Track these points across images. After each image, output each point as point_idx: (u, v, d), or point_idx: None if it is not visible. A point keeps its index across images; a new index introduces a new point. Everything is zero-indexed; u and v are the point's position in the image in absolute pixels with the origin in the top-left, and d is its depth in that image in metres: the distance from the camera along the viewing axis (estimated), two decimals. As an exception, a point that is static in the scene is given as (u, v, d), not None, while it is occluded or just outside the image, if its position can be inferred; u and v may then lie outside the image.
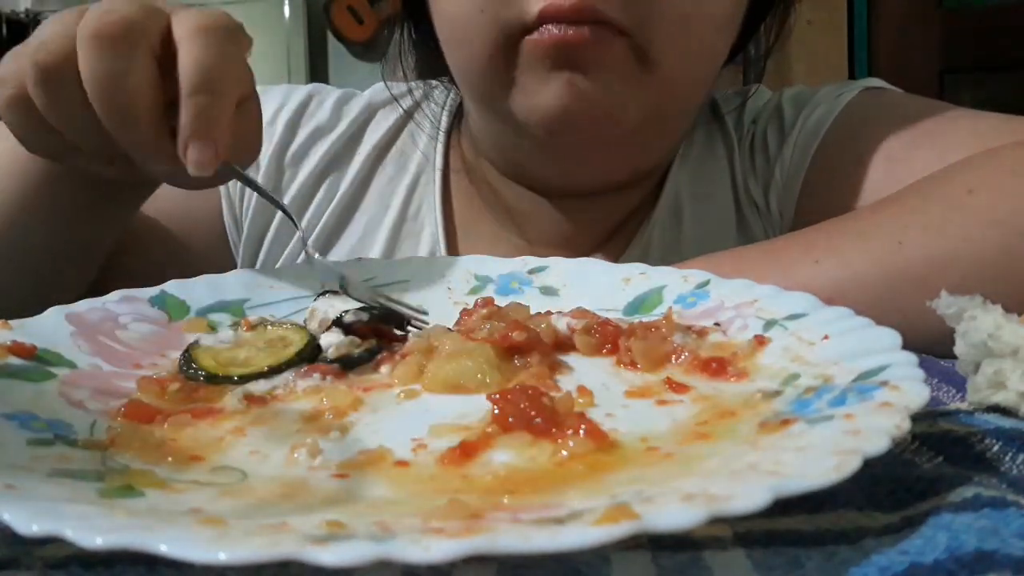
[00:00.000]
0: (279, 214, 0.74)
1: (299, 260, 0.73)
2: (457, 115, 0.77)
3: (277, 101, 0.77)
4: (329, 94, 0.79)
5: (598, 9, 0.55)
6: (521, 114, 0.60)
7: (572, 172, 0.68)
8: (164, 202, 0.68)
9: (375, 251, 0.73)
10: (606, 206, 0.71)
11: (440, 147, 0.75)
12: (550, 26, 0.56)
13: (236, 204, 0.74)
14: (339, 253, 0.74)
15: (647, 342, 0.41)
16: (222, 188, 0.74)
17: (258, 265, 0.74)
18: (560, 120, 0.59)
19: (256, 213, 0.74)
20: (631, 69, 0.58)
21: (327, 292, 0.48)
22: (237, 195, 0.74)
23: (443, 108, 0.78)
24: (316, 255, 0.53)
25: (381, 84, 0.80)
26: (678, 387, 0.37)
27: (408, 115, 0.78)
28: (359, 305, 0.45)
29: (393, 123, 0.77)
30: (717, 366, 0.39)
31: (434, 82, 0.79)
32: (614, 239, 0.71)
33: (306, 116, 0.77)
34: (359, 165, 0.75)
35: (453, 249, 0.72)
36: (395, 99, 0.79)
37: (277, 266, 0.71)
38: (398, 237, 0.73)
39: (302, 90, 0.79)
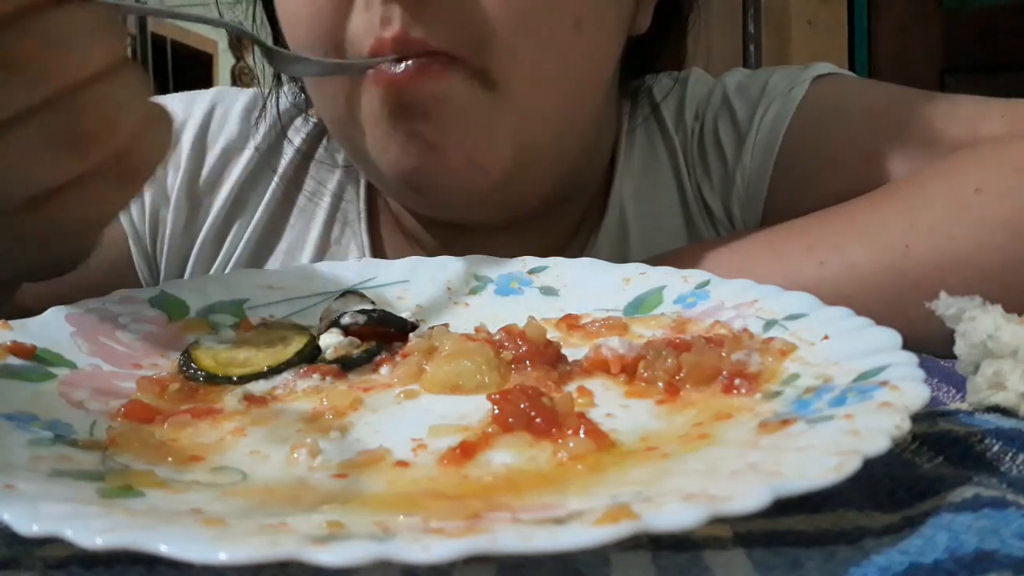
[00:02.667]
0: (196, 247, 0.68)
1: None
2: None
3: (177, 117, 0.68)
4: (235, 101, 0.71)
5: (419, 39, 0.50)
6: (380, 168, 0.55)
7: (468, 217, 0.61)
8: None
9: (307, 253, 0.68)
10: (534, 231, 0.64)
11: (363, 180, 0.69)
12: (381, 62, 0.50)
13: (148, 245, 0.69)
14: (277, 255, 0.68)
15: (701, 357, 0.37)
16: (128, 230, 0.68)
17: None
18: (417, 178, 0.54)
19: (172, 250, 0.69)
20: (476, 101, 0.52)
21: (347, 293, 0.48)
22: (148, 236, 0.69)
23: None
24: None
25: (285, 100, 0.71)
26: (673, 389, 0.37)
27: (319, 138, 0.71)
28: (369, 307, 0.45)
29: (312, 130, 0.70)
30: (739, 384, 0.36)
31: None
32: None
33: (212, 133, 0.69)
34: (276, 183, 0.68)
35: None
36: (305, 113, 0.71)
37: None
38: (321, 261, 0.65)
39: (203, 99, 0.70)
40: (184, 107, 0.70)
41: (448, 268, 0.53)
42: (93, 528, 0.22)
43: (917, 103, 0.61)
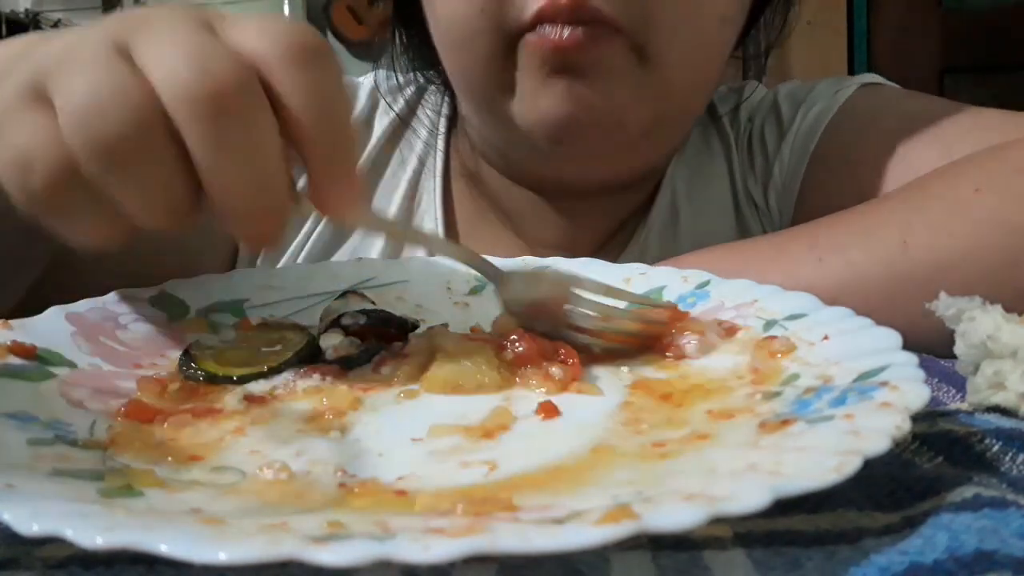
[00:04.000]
0: None
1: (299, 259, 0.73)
2: (453, 118, 0.76)
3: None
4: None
5: (595, 7, 0.54)
6: (523, 122, 0.60)
7: (576, 176, 0.68)
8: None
9: (376, 249, 0.72)
10: (606, 207, 0.71)
11: (440, 150, 0.75)
12: (546, 26, 0.55)
13: None
14: (344, 251, 0.73)
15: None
16: None
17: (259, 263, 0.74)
18: (563, 129, 0.59)
19: None
20: (630, 69, 0.57)
21: (347, 292, 0.48)
22: None
23: (439, 113, 0.76)
24: None
25: (381, 72, 0.78)
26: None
27: (411, 110, 0.77)
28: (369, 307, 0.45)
29: (395, 117, 0.76)
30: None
31: (424, 80, 0.77)
32: (610, 243, 0.71)
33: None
34: (365, 159, 0.74)
35: None
36: (400, 87, 0.77)
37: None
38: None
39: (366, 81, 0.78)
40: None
41: (448, 268, 0.53)
42: (93, 528, 0.22)
43: (949, 114, 0.63)
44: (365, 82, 0.78)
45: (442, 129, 0.75)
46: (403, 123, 0.76)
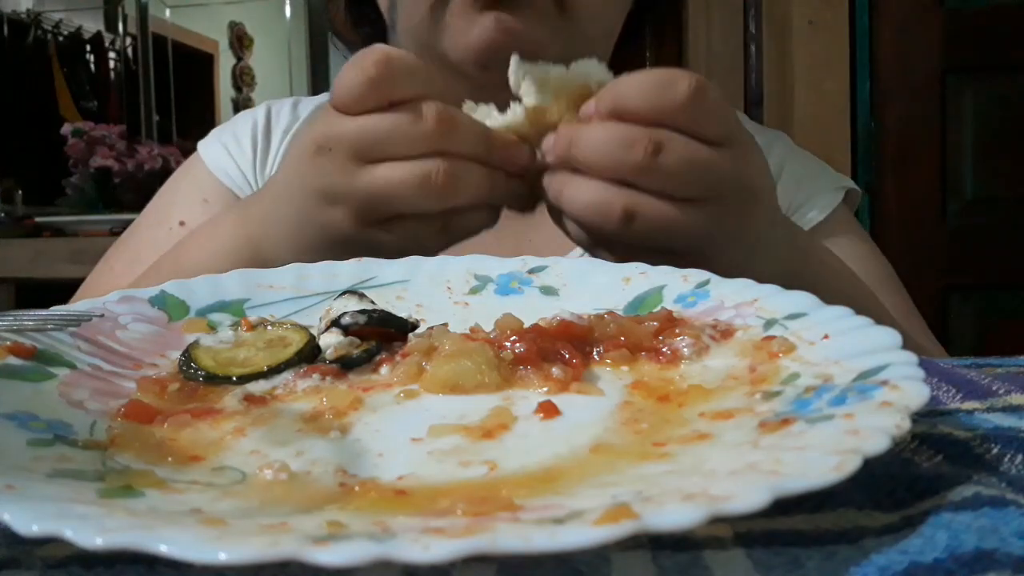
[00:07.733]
0: None
1: None
2: None
3: (250, 122, 0.91)
4: (285, 101, 0.93)
5: None
6: (454, 54, 0.69)
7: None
8: None
9: None
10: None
11: None
12: None
13: None
14: None
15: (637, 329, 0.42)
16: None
17: None
18: (489, 52, 0.67)
19: None
20: (550, 13, 0.67)
21: (347, 292, 0.48)
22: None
23: None
24: None
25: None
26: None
27: None
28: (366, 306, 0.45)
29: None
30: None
31: None
32: None
33: (273, 124, 0.90)
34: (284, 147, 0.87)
35: None
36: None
37: None
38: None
39: (260, 107, 0.93)
40: (251, 117, 0.92)
41: (448, 268, 0.53)
42: (93, 528, 0.22)
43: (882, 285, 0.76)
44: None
45: None
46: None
